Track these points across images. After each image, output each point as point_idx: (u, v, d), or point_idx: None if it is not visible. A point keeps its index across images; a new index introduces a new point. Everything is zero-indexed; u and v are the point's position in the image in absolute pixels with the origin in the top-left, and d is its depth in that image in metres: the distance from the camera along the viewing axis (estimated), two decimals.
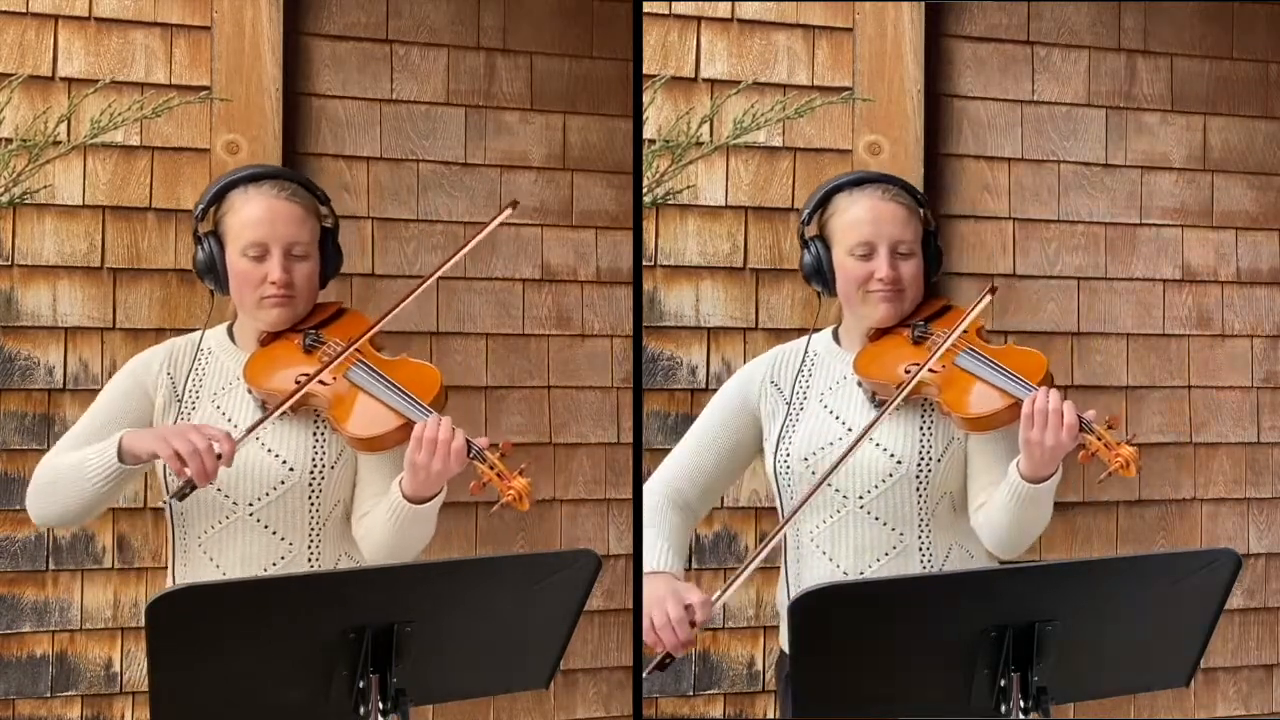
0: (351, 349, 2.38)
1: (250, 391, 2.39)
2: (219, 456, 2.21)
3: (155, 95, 3.13)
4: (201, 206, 2.44)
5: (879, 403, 2.47)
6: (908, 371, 2.42)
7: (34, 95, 3.08)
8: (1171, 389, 3.61)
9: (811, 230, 2.56)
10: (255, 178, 2.44)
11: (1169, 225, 3.61)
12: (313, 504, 2.38)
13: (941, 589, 1.99)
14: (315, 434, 2.38)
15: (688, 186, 3.31)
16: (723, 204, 3.35)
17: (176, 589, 1.88)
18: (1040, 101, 3.52)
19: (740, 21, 3.35)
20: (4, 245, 3.06)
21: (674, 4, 3.32)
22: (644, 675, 2.36)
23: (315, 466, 2.37)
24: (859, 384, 2.51)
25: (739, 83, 3.31)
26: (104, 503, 2.35)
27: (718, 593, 2.38)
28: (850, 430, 2.47)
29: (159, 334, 3.02)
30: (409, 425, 2.27)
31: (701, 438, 2.63)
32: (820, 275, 2.54)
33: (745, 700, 3.36)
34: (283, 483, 2.36)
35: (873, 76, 3.37)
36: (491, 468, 2.24)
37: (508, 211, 2.50)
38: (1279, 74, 3.68)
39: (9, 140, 3.04)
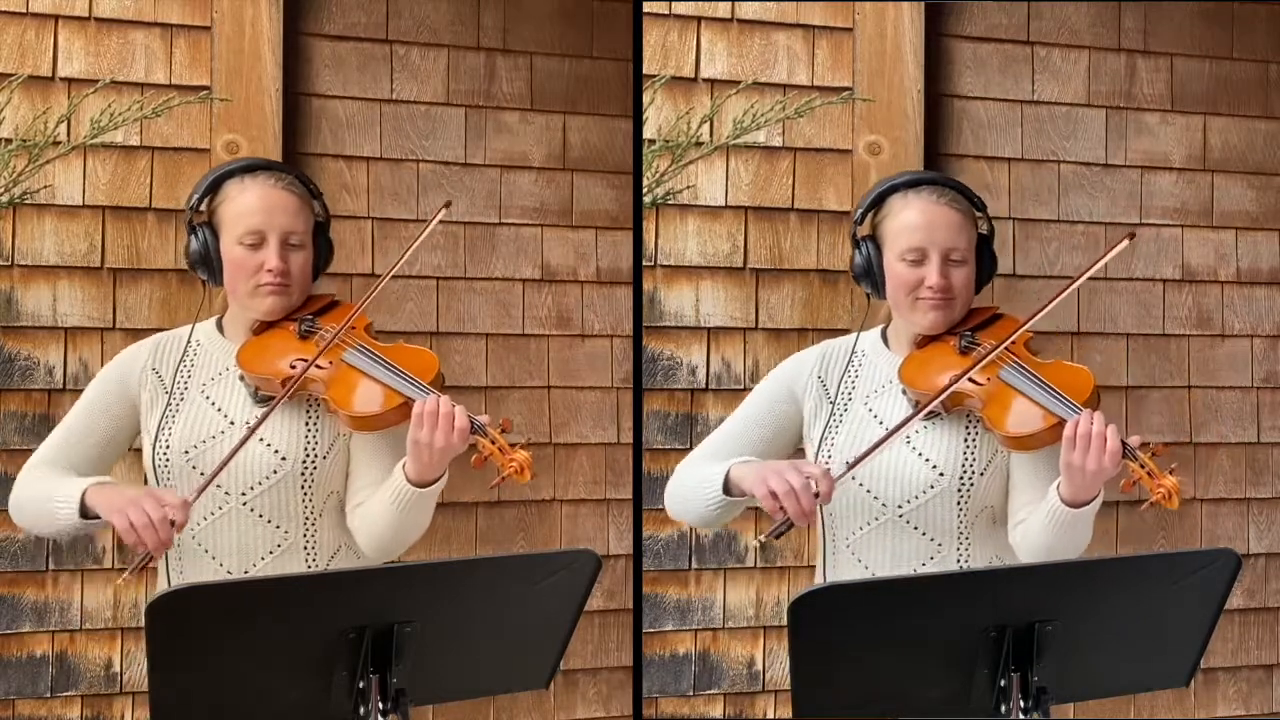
0: (346, 324, 2.37)
1: (243, 378, 2.39)
2: (174, 523, 2.22)
3: (155, 95, 3.14)
4: (196, 196, 2.44)
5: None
6: (951, 381, 2.36)
7: (34, 95, 3.08)
8: (1171, 389, 3.61)
9: (864, 230, 2.50)
10: (250, 168, 2.44)
11: (1169, 225, 3.61)
12: (306, 493, 2.37)
13: (941, 589, 1.99)
14: (308, 423, 2.38)
15: (688, 186, 3.31)
16: (723, 204, 3.34)
17: (176, 589, 1.88)
18: (1040, 101, 3.52)
19: (740, 21, 3.35)
20: (4, 245, 3.07)
21: (674, 4, 3.32)
22: (762, 539, 2.28)
23: (308, 456, 2.37)
24: (903, 391, 2.45)
25: (739, 83, 3.31)
26: (74, 535, 2.41)
27: (842, 469, 2.34)
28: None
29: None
30: (407, 405, 2.27)
31: (745, 419, 2.57)
32: (870, 277, 2.48)
33: (745, 700, 3.36)
34: (275, 472, 2.35)
35: (873, 76, 3.37)
36: (493, 442, 2.24)
37: (443, 211, 2.47)
38: (1279, 74, 3.68)
39: (9, 140, 3.04)
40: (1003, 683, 1.96)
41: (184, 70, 3.17)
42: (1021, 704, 1.96)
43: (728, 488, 2.41)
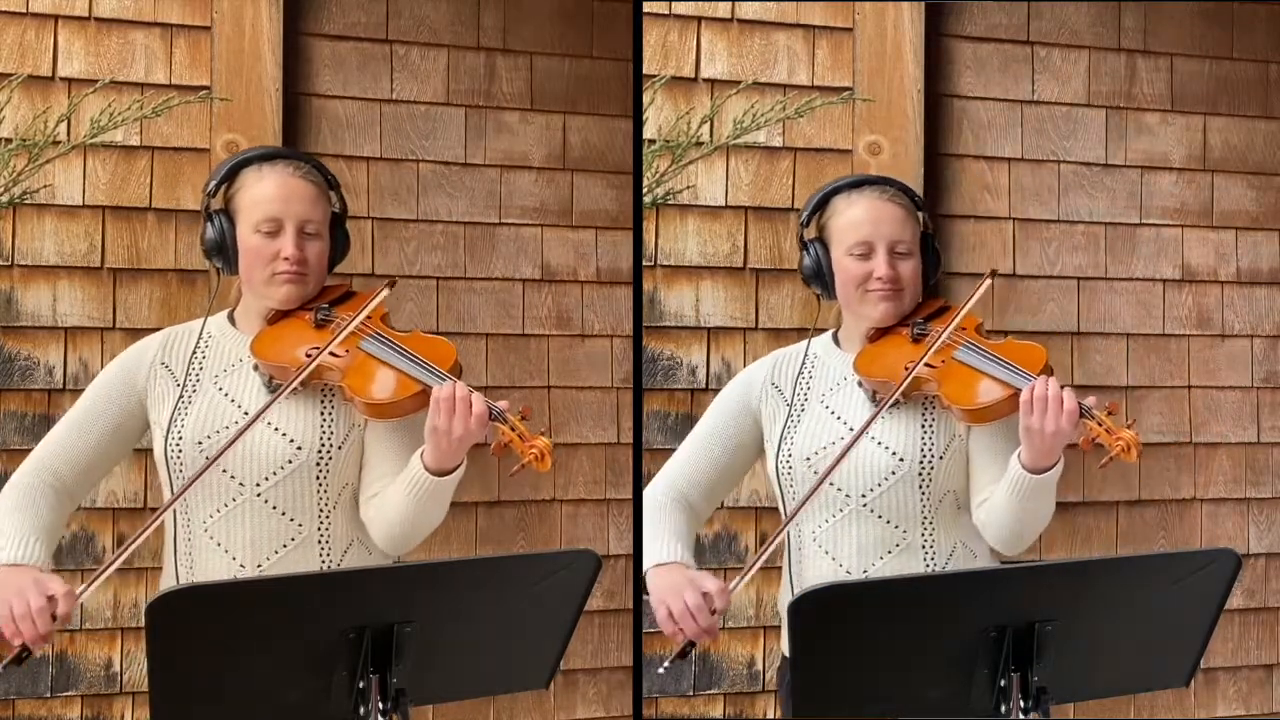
0: (364, 313, 2.36)
1: (257, 368, 2.37)
2: (54, 617, 2.15)
3: (155, 95, 3.13)
4: (213, 183, 2.42)
5: (880, 402, 2.46)
6: (907, 369, 2.42)
7: (34, 95, 3.08)
8: (1171, 389, 3.61)
9: (810, 232, 2.57)
10: (269, 156, 2.43)
11: (1169, 225, 3.61)
12: (320, 484, 2.35)
13: (941, 589, 1.99)
14: (323, 413, 2.36)
15: (688, 186, 3.31)
16: (723, 204, 3.34)
17: (176, 589, 1.88)
18: (1040, 101, 3.52)
19: (740, 21, 3.35)
20: (4, 245, 3.07)
21: (674, 4, 3.32)
22: (665, 666, 2.26)
23: (323, 446, 2.34)
24: (859, 384, 2.51)
25: (739, 83, 3.31)
26: None
27: (733, 582, 2.35)
28: (852, 430, 2.47)
29: None
30: (424, 393, 2.25)
31: (703, 439, 2.62)
32: (819, 277, 2.55)
33: (745, 700, 3.36)
34: (290, 462, 2.33)
35: (873, 76, 3.37)
36: (512, 429, 2.22)
37: (384, 292, 2.46)
38: (1279, 74, 3.68)
39: (9, 140, 3.04)
40: (1003, 683, 1.96)
41: (184, 70, 3.17)
42: (1021, 704, 1.96)
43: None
